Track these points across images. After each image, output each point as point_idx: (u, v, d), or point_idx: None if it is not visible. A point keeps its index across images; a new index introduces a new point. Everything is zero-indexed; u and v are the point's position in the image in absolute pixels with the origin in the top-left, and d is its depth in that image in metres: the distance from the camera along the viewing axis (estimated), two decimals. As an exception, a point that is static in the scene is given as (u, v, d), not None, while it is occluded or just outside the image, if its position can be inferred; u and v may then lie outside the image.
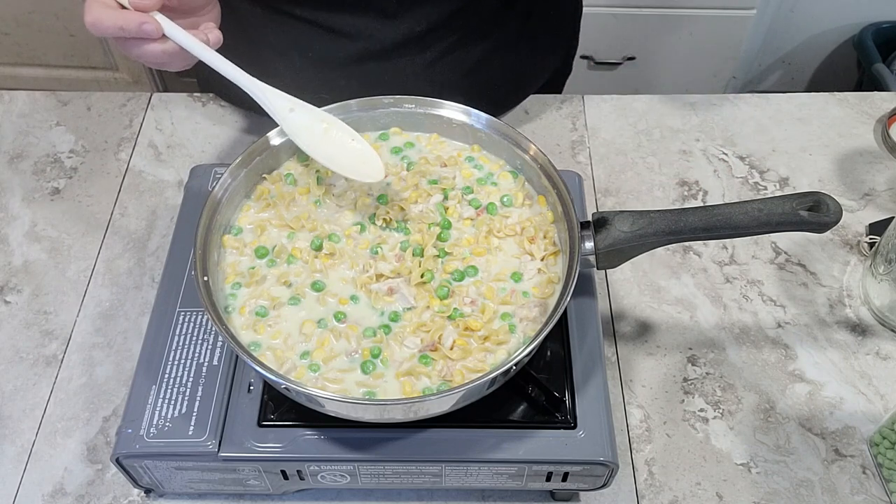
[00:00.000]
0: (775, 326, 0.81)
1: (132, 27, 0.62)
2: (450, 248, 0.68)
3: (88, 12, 0.62)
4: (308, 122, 0.67)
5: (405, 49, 0.88)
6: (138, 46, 0.64)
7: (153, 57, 0.64)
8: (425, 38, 0.87)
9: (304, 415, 0.63)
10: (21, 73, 1.93)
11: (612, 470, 0.63)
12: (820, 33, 1.90)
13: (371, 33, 0.86)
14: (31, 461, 0.72)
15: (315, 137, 0.67)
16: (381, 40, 0.86)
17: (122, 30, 0.62)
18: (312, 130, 0.67)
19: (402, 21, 0.85)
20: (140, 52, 0.64)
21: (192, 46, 0.64)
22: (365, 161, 0.67)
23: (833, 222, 0.62)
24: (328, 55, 0.88)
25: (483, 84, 0.94)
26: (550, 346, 0.68)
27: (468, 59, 0.91)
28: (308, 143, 0.67)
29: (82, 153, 0.96)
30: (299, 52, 0.89)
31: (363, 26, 0.86)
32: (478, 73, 0.93)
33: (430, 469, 0.64)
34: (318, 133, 0.67)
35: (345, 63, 0.88)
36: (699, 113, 1.01)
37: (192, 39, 0.64)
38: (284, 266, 0.67)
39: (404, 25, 0.86)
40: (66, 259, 0.86)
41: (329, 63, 0.89)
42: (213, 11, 0.72)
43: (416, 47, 0.88)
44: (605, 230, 0.65)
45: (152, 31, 0.62)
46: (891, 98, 1.02)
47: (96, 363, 0.78)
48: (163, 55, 0.64)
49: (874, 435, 0.73)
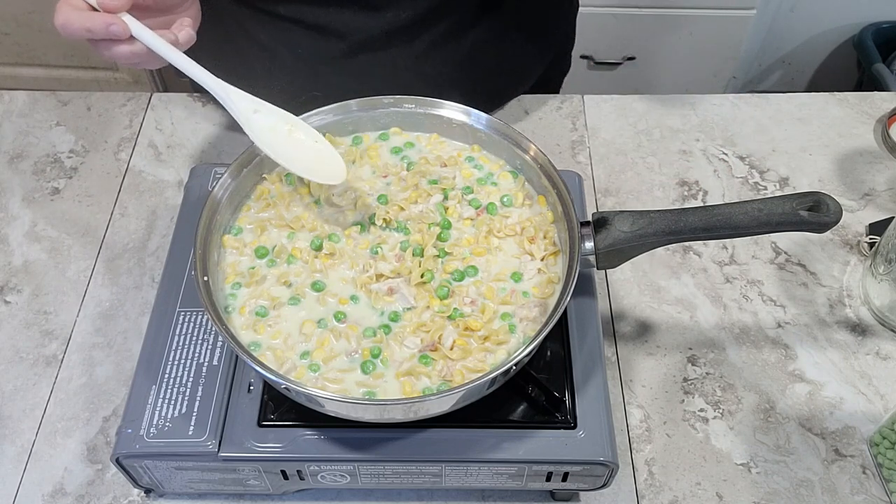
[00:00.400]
0: (775, 326, 0.81)
1: (99, 29, 0.62)
2: (450, 248, 0.68)
3: (58, 14, 0.63)
4: (272, 124, 0.67)
5: (393, 40, 0.88)
6: (108, 48, 0.64)
7: (123, 57, 0.64)
8: (411, 28, 0.87)
9: (304, 415, 0.63)
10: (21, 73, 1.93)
11: (612, 470, 0.63)
12: (820, 33, 1.90)
13: (357, 26, 0.86)
14: (31, 461, 0.73)
15: (278, 139, 0.67)
16: (368, 32, 0.86)
17: (89, 31, 0.62)
18: (276, 132, 0.67)
19: (387, 11, 0.85)
20: (111, 54, 0.64)
21: (159, 47, 0.64)
22: (327, 163, 0.67)
23: (833, 222, 0.62)
24: (317, 52, 0.88)
25: (477, 75, 0.94)
26: (550, 346, 0.68)
27: (459, 49, 0.91)
28: (270, 145, 0.66)
29: (82, 153, 0.96)
30: (289, 50, 0.89)
31: (348, 20, 0.86)
32: (470, 63, 0.93)
33: (430, 469, 0.64)
34: (281, 134, 0.67)
35: (335, 59, 0.89)
36: (699, 113, 1.01)
37: (158, 40, 0.64)
38: (284, 266, 0.67)
39: (389, 15, 0.85)
40: (66, 259, 0.86)
41: (319, 60, 0.89)
42: (191, 9, 0.71)
43: (404, 38, 0.88)
44: (605, 230, 0.65)
45: (119, 32, 0.62)
46: (891, 98, 1.02)
47: (96, 363, 0.78)
48: (133, 56, 0.64)
49: (874, 435, 0.73)
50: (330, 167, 0.67)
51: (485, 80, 0.95)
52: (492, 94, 0.98)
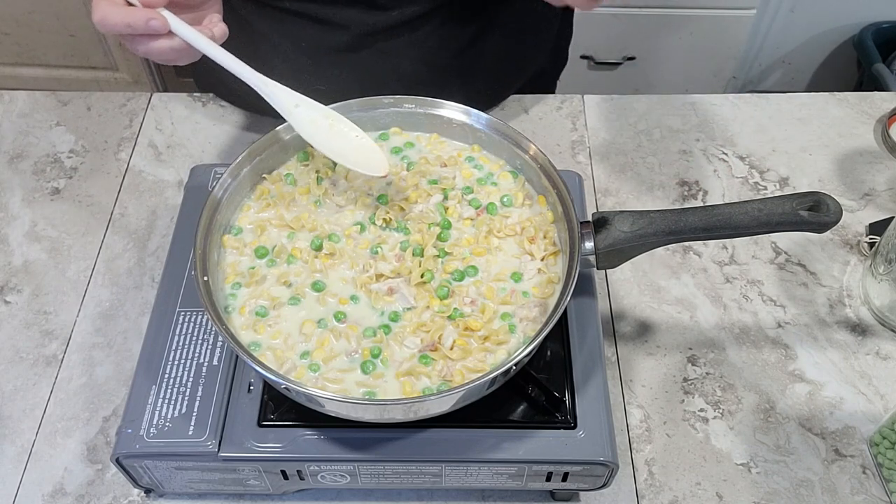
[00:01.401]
0: (775, 326, 0.81)
1: (139, 24, 0.62)
2: (450, 248, 0.68)
3: (96, 10, 0.63)
4: (314, 118, 0.68)
5: (396, 33, 0.88)
6: (145, 43, 0.64)
7: (160, 53, 0.65)
8: (415, 22, 0.88)
9: (304, 415, 0.63)
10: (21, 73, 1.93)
11: (612, 470, 0.63)
12: (820, 33, 1.90)
13: (362, 21, 0.87)
14: (31, 461, 0.73)
15: (320, 132, 0.68)
16: (373, 26, 0.87)
17: (129, 27, 0.63)
18: (317, 125, 0.68)
19: (392, 10, 0.86)
20: (147, 49, 0.65)
21: (199, 42, 0.65)
22: (370, 156, 0.68)
23: (833, 222, 0.62)
24: (320, 44, 0.89)
25: (478, 66, 0.94)
26: (550, 346, 0.68)
27: (461, 40, 0.92)
28: (316, 138, 0.68)
29: (82, 153, 0.96)
30: (292, 42, 0.89)
31: (354, 16, 0.86)
32: (472, 54, 0.93)
33: (430, 469, 0.64)
34: (324, 128, 0.68)
35: (338, 51, 0.89)
36: (699, 113, 1.01)
37: (198, 35, 0.65)
38: (284, 266, 0.67)
39: (394, 13, 0.86)
40: (66, 259, 0.86)
41: (322, 52, 0.89)
42: (216, 4, 0.72)
43: (407, 31, 0.88)
44: (605, 230, 0.65)
45: (159, 27, 0.63)
46: (891, 98, 1.02)
47: (96, 363, 0.78)
48: (171, 52, 0.65)
49: (874, 435, 0.73)
50: (373, 160, 0.68)
51: (486, 70, 0.96)
52: (492, 84, 0.98)
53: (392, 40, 0.89)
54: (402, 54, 0.90)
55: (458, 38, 0.92)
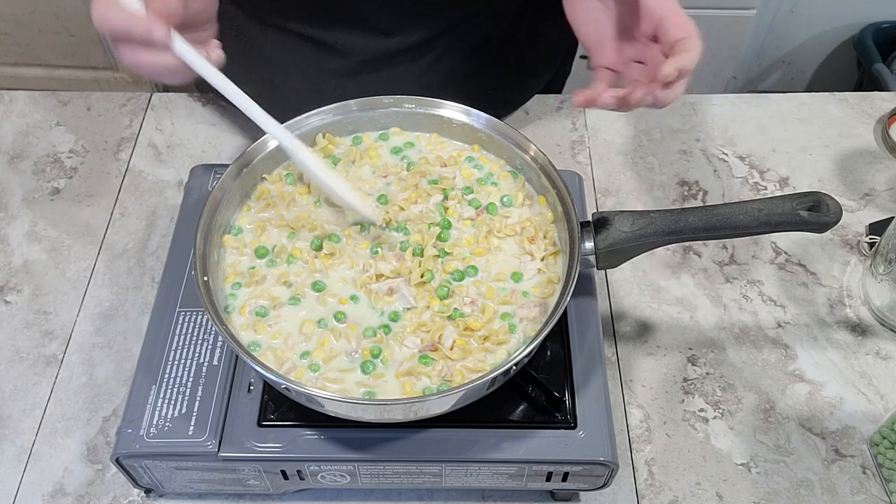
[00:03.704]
0: (775, 326, 0.81)
1: (139, 31, 0.59)
2: (450, 248, 0.68)
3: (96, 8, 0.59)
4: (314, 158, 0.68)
5: (398, 61, 0.88)
6: (135, 52, 0.60)
7: (150, 66, 0.61)
8: (418, 49, 0.88)
9: (304, 415, 0.63)
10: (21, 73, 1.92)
11: (612, 470, 0.63)
12: (820, 33, 1.90)
13: (365, 47, 0.87)
14: (31, 461, 0.72)
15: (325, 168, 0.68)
16: (374, 52, 0.87)
17: (127, 32, 0.59)
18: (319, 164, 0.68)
19: (395, 36, 0.86)
20: (136, 59, 0.60)
21: (197, 64, 0.61)
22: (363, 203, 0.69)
23: (833, 222, 0.62)
24: (322, 67, 0.89)
25: (480, 90, 0.94)
26: (550, 346, 0.68)
27: (464, 67, 0.92)
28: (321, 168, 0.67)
29: (82, 153, 0.96)
30: (295, 64, 0.89)
31: (356, 41, 0.86)
32: (475, 79, 0.93)
33: (430, 469, 0.64)
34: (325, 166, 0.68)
35: (339, 75, 0.89)
36: (699, 113, 1.01)
37: (198, 58, 0.61)
38: (284, 266, 0.67)
39: (397, 39, 0.86)
40: (66, 259, 0.86)
41: (324, 76, 0.89)
42: (213, 28, 0.69)
43: (410, 57, 0.88)
44: (605, 230, 0.65)
45: (159, 38, 0.59)
46: (891, 98, 1.02)
47: (96, 363, 0.78)
48: (164, 68, 0.61)
49: (874, 435, 0.73)
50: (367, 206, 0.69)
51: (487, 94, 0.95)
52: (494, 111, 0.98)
53: (394, 67, 0.88)
54: (402, 80, 0.90)
55: (460, 68, 0.91)
